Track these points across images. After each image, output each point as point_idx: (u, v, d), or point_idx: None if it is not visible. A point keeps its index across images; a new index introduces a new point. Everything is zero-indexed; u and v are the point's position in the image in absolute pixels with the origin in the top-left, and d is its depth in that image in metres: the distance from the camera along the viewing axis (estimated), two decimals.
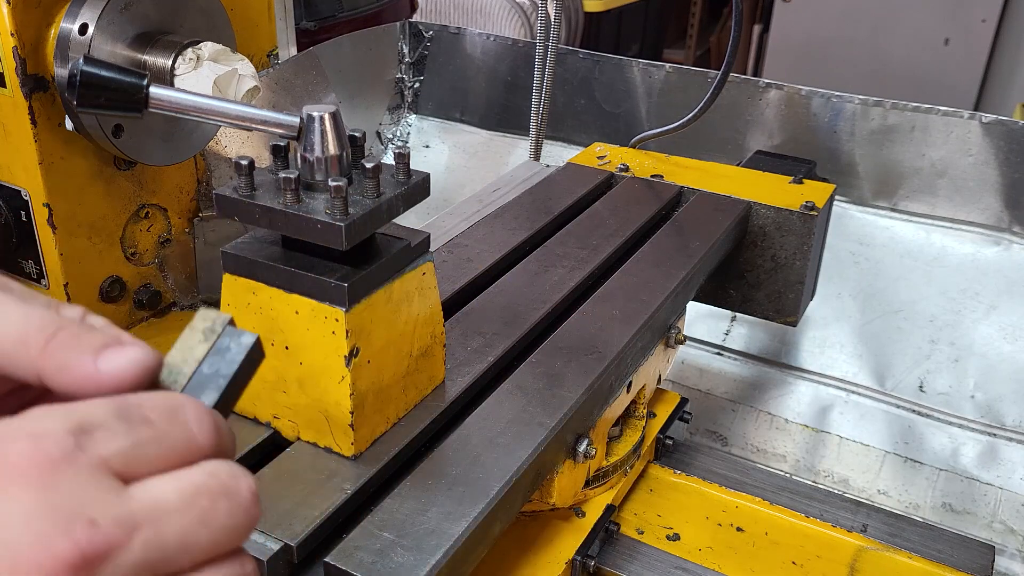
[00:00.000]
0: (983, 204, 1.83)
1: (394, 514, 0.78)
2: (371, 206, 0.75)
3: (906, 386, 1.78)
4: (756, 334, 1.90)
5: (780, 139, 1.96)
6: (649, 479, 1.23)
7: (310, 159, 0.77)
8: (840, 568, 1.10)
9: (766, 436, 1.78)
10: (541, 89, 1.85)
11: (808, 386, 1.83)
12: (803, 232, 1.41)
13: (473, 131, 2.39)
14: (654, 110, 2.11)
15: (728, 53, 1.36)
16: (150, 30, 1.24)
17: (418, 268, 0.85)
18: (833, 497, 1.21)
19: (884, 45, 4.24)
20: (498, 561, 0.98)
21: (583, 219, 1.36)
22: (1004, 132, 1.76)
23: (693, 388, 1.86)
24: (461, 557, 0.76)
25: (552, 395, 0.95)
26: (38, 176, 1.24)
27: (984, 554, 1.13)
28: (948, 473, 1.67)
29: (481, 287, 1.15)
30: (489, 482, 0.82)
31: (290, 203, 0.74)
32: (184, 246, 1.48)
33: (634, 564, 1.07)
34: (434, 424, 0.90)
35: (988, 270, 1.80)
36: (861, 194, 1.93)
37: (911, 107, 1.83)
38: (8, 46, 1.18)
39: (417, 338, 0.87)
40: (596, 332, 1.07)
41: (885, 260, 1.88)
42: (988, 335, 1.76)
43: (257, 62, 1.49)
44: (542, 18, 1.79)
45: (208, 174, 1.51)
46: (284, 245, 0.80)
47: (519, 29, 3.99)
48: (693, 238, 1.32)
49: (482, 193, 1.53)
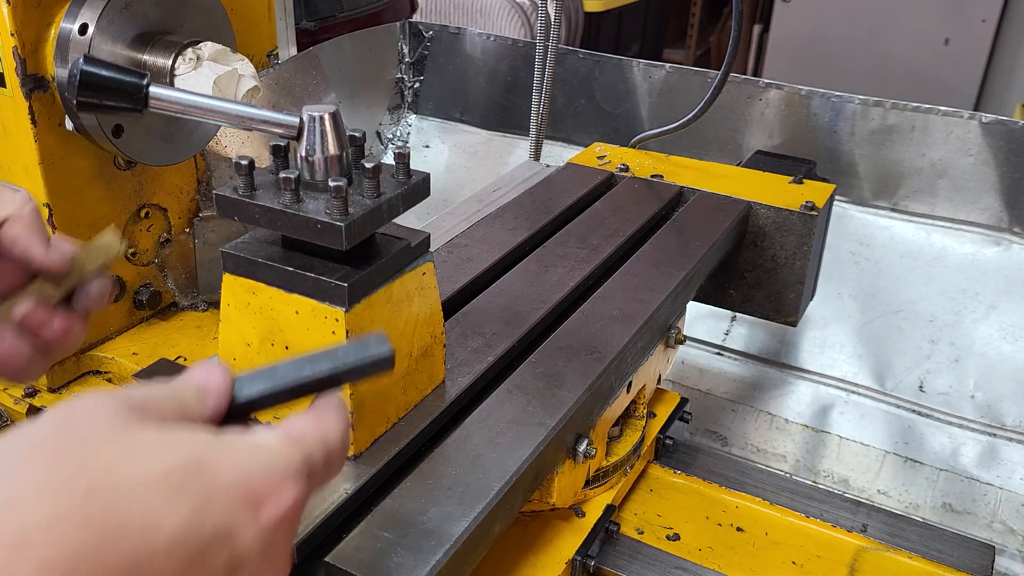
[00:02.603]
0: (983, 204, 1.83)
1: (394, 514, 0.78)
2: (371, 206, 0.75)
3: (906, 386, 1.78)
4: (756, 334, 1.90)
5: (780, 139, 1.96)
6: (649, 479, 1.23)
7: (310, 159, 0.77)
8: (840, 568, 1.10)
9: (766, 436, 1.78)
10: (541, 89, 1.85)
11: (808, 386, 1.83)
12: (803, 232, 1.41)
13: (473, 131, 2.39)
14: (654, 110, 2.11)
15: (728, 53, 1.36)
16: (150, 30, 1.24)
17: (418, 268, 0.85)
18: (833, 497, 1.21)
19: (884, 45, 4.24)
20: (498, 561, 0.98)
21: (583, 219, 1.36)
22: (1004, 132, 1.76)
23: (693, 388, 1.86)
24: (461, 557, 0.76)
25: (552, 395, 0.95)
26: (38, 176, 1.24)
27: (984, 554, 1.13)
28: (948, 473, 1.67)
29: (481, 287, 1.15)
30: (489, 482, 0.82)
31: (290, 203, 0.74)
32: (184, 246, 1.48)
33: (634, 564, 1.07)
34: (434, 424, 0.90)
35: (988, 270, 1.80)
36: (861, 194, 1.93)
37: (911, 107, 1.83)
38: (8, 46, 1.18)
39: (417, 338, 0.87)
40: (596, 332, 1.07)
41: (885, 260, 1.88)
42: (988, 335, 1.76)
43: (257, 62, 1.49)
44: (542, 18, 1.79)
45: (208, 174, 1.51)
46: (284, 245, 0.80)
47: (519, 29, 3.99)
48: (693, 238, 1.32)
49: (482, 193, 1.53)
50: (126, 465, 0.46)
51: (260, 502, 0.49)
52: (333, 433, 0.56)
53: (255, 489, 0.49)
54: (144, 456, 0.47)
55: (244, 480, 0.49)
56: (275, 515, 0.50)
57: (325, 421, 0.56)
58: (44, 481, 0.44)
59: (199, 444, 0.49)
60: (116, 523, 0.44)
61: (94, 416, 0.48)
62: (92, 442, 0.46)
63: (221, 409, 0.55)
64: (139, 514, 0.45)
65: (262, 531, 0.49)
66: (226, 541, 0.47)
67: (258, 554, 0.49)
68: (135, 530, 0.44)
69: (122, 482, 0.45)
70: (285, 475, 0.51)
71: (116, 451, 0.46)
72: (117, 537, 0.44)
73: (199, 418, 0.54)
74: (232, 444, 0.50)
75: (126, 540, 0.44)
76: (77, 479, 0.44)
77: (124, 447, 0.47)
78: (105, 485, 0.45)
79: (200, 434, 0.50)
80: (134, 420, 0.49)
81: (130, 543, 0.44)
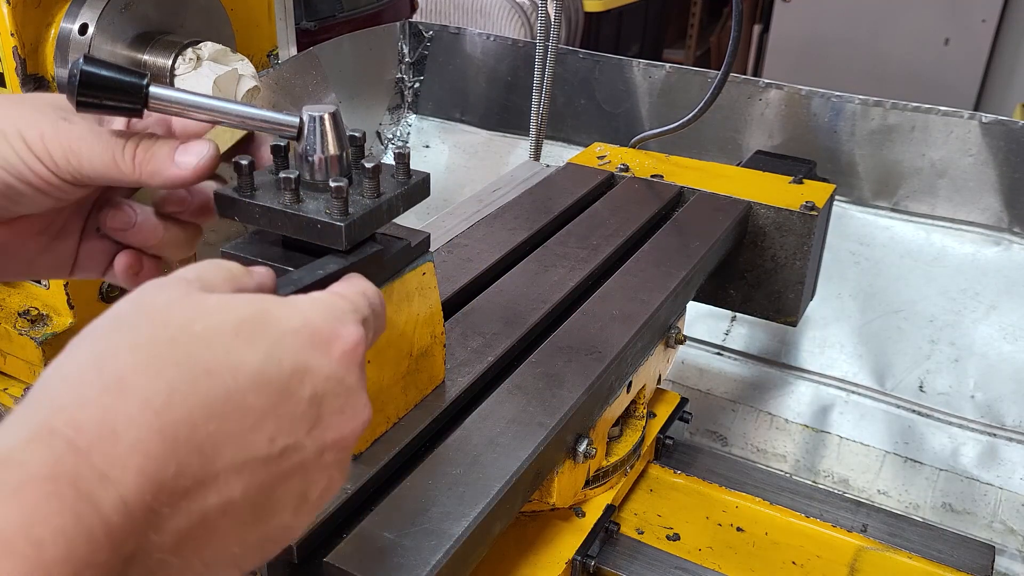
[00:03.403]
0: (983, 204, 1.83)
1: (394, 514, 0.78)
2: (371, 206, 0.75)
3: (906, 386, 1.78)
4: (756, 334, 1.90)
5: (780, 139, 1.96)
6: (649, 479, 1.23)
7: (310, 159, 0.77)
8: (840, 568, 1.10)
9: (766, 436, 1.78)
10: (541, 89, 1.85)
11: (808, 386, 1.83)
12: (803, 232, 1.41)
13: (473, 131, 2.39)
14: (654, 110, 2.11)
15: (728, 53, 1.36)
16: (150, 30, 1.24)
17: (418, 268, 0.85)
18: (833, 497, 1.21)
19: (884, 45, 4.24)
20: (498, 561, 0.98)
21: (583, 219, 1.36)
22: (1004, 132, 1.76)
23: (693, 388, 1.86)
24: (461, 557, 0.76)
25: (552, 395, 0.95)
26: None
27: (984, 554, 1.13)
28: (948, 473, 1.67)
29: (481, 287, 1.15)
30: (489, 482, 0.82)
31: (290, 203, 0.74)
32: None
33: (634, 564, 1.07)
34: (434, 424, 0.90)
35: (988, 270, 1.80)
36: (861, 194, 1.93)
37: (911, 107, 1.83)
38: (8, 46, 1.18)
39: (417, 338, 0.87)
40: (596, 332, 1.07)
41: (885, 260, 1.88)
42: (988, 335, 1.76)
43: (257, 62, 1.49)
44: (542, 18, 1.79)
45: None
46: (284, 245, 0.80)
47: (519, 29, 3.99)
48: (693, 238, 1.32)
49: (482, 193, 1.53)
50: (200, 320, 0.50)
51: (328, 342, 0.54)
52: (368, 288, 0.62)
53: (320, 331, 0.54)
54: (214, 313, 0.51)
55: (309, 324, 0.53)
56: (344, 351, 0.54)
57: (355, 282, 0.63)
58: (132, 337, 0.48)
59: (260, 300, 0.54)
60: (204, 364, 0.48)
61: (161, 291, 0.52)
62: (166, 308, 0.51)
63: (265, 283, 0.60)
64: (222, 356, 0.49)
65: (335, 366, 0.54)
66: (305, 376, 0.52)
67: (337, 389, 0.53)
68: (222, 368, 0.48)
69: (200, 333, 0.49)
70: (343, 319, 0.56)
71: (189, 313, 0.50)
72: (207, 375, 0.48)
73: (247, 287, 0.58)
74: (289, 299, 0.55)
75: (216, 377, 0.48)
76: (160, 333, 0.49)
77: (195, 309, 0.51)
78: (185, 336, 0.49)
79: (259, 295, 0.55)
80: (196, 289, 0.53)
81: (220, 380, 0.48)
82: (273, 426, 0.49)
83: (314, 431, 0.52)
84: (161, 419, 0.45)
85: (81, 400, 0.45)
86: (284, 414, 0.50)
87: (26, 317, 1.34)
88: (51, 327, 1.34)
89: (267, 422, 0.49)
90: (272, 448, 0.49)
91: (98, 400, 0.45)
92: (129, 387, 0.45)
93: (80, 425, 0.43)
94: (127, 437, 0.44)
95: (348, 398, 0.54)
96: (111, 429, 0.44)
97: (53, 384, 0.46)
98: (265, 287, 0.60)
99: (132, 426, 0.44)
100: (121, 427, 0.44)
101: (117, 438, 0.43)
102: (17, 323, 1.35)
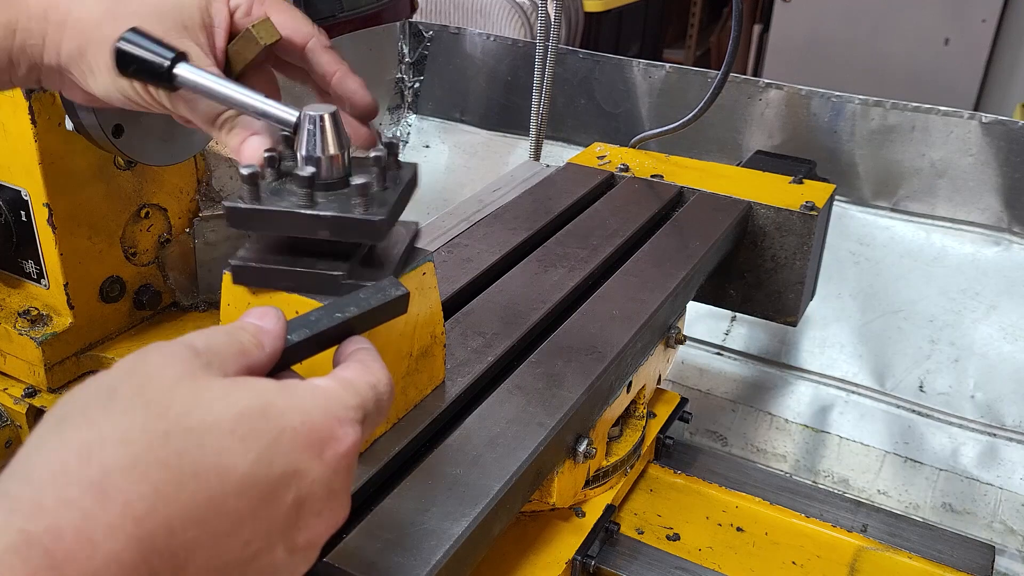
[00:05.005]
0: (983, 204, 1.83)
1: (394, 514, 0.78)
2: (392, 197, 0.75)
3: (906, 386, 1.78)
4: (756, 334, 1.90)
5: (780, 139, 1.96)
6: (649, 479, 1.23)
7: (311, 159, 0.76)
8: (840, 568, 1.10)
9: (766, 436, 1.78)
10: (541, 89, 1.85)
11: (808, 386, 1.83)
12: (803, 232, 1.41)
13: (473, 131, 2.39)
14: (654, 110, 2.11)
15: (728, 53, 1.36)
16: None
17: (418, 268, 0.85)
18: (833, 497, 1.21)
19: (884, 45, 4.24)
20: (498, 561, 0.98)
21: (583, 219, 1.36)
22: (1004, 132, 1.76)
23: (693, 388, 1.86)
24: (461, 557, 0.75)
25: (552, 395, 0.95)
26: (38, 176, 1.24)
27: (984, 554, 1.13)
28: (948, 473, 1.67)
29: (481, 287, 1.15)
30: (489, 482, 0.82)
31: (310, 205, 0.74)
32: (184, 246, 1.48)
33: (634, 564, 1.07)
34: (434, 424, 0.90)
35: (988, 270, 1.80)
36: (861, 194, 1.93)
37: (911, 107, 1.83)
38: None
39: (417, 338, 0.87)
40: (596, 332, 1.07)
41: (885, 260, 1.88)
42: (988, 335, 1.76)
43: None
44: (542, 18, 1.79)
45: (208, 174, 1.51)
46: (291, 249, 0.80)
47: (519, 29, 3.98)
48: (693, 238, 1.32)
49: (482, 193, 1.53)
50: (198, 412, 0.49)
51: (323, 443, 0.52)
52: (381, 379, 0.60)
53: (317, 431, 0.52)
54: (214, 404, 0.50)
55: (307, 423, 0.52)
56: (336, 455, 0.53)
57: (371, 368, 0.60)
58: (124, 426, 0.47)
59: (263, 391, 0.52)
60: (192, 465, 0.47)
61: (164, 367, 0.51)
62: (165, 391, 0.49)
63: (277, 351, 0.58)
64: (212, 457, 0.48)
65: (325, 470, 0.52)
66: (293, 480, 0.51)
67: (322, 493, 0.53)
68: (210, 472, 0.47)
69: (195, 427, 0.48)
70: (344, 418, 0.54)
71: (188, 400, 0.49)
72: (193, 478, 0.47)
73: (259, 361, 0.57)
74: (293, 390, 0.54)
75: (202, 481, 0.47)
76: (154, 424, 0.47)
77: (195, 396, 0.50)
78: (180, 430, 0.48)
79: (263, 382, 0.53)
80: (201, 370, 0.52)
81: (205, 484, 0.47)
82: (250, 531, 0.49)
83: (289, 532, 0.51)
84: (140, 528, 0.45)
85: (63, 501, 0.44)
86: (263, 518, 0.50)
87: (26, 317, 1.34)
88: (51, 327, 1.34)
89: (245, 527, 0.49)
90: (245, 552, 0.49)
91: (79, 502, 0.44)
92: (112, 488, 0.45)
93: (59, 533, 0.43)
94: (104, 548, 0.43)
95: (330, 501, 0.54)
96: (88, 538, 0.43)
97: (37, 470, 0.45)
98: (277, 352, 0.59)
99: (110, 537, 0.44)
100: (100, 536, 0.43)
101: (95, 549, 0.43)
102: (17, 323, 1.35)
